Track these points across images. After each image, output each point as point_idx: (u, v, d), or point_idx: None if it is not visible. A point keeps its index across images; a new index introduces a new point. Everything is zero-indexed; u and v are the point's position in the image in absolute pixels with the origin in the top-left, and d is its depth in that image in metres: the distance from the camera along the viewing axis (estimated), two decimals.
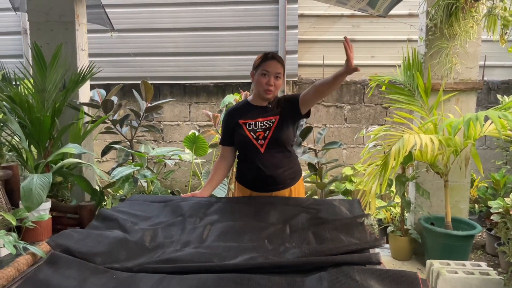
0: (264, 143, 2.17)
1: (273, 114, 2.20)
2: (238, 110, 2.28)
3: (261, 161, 2.18)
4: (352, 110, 4.85)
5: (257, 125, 2.19)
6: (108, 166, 4.81)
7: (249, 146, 2.19)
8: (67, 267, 1.35)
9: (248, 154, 2.23)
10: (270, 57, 2.17)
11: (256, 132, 2.18)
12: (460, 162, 3.17)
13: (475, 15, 3.06)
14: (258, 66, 2.19)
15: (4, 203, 2.20)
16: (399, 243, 3.40)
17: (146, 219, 1.90)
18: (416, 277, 1.22)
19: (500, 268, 3.26)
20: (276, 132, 2.16)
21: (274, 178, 2.20)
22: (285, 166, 2.21)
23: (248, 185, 2.29)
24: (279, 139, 2.17)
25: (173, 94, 4.95)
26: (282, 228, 1.79)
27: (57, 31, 3.08)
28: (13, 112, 2.60)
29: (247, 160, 2.25)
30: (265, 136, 2.16)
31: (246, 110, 2.25)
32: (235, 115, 2.26)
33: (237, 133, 2.23)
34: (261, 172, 2.19)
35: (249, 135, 2.18)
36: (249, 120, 2.21)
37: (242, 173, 2.32)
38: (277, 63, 2.15)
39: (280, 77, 2.16)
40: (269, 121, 2.18)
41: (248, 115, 2.22)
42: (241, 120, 2.22)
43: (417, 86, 3.29)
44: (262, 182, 2.22)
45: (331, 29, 4.99)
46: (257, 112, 2.22)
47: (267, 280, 1.30)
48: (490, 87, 4.76)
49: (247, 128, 2.19)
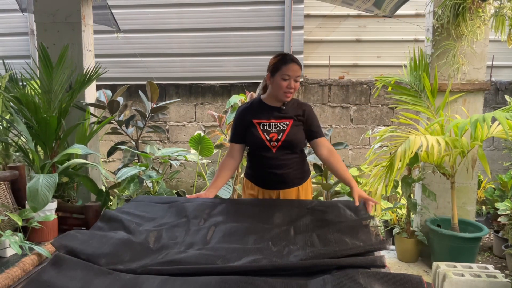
0: (276, 145, 2.18)
1: (287, 116, 2.19)
2: (252, 109, 2.26)
3: (271, 160, 2.20)
4: (358, 111, 4.83)
5: (271, 126, 2.19)
6: (114, 167, 4.83)
7: (261, 146, 2.20)
8: (71, 268, 1.36)
9: (259, 153, 2.24)
10: (289, 60, 2.13)
11: (270, 134, 2.18)
12: (467, 164, 3.15)
13: (482, 15, 3.03)
14: (277, 69, 2.14)
15: (11, 203, 2.21)
16: (405, 245, 3.38)
17: (150, 220, 1.90)
18: (420, 281, 1.21)
19: (508, 271, 3.23)
20: (290, 135, 2.17)
21: (283, 177, 2.22)
22: (294, 166, 2.24)
23: (256, 182, 2.31)
24: (292, 142, 2.18)
25: (178, 95, 4.96)
26: (286, 230, 1.78)
27: (64, 32, 3.10)
28: (19, 113, 2.62)
29: (257, 158, 2.26)
30: (278, 138, 2.17)
31: (260, 110, 2.23)
32: (248, 114, 2.24)
33: (249, 132, 2.22)
34: (271, 171, 2.21)
35: (263, 136, 2.18)
36: (263, 120, 2.20)
37: (251, 170, 2.34)
38: (297, 65, 2.14)
39: (298, 81, 2.16)
40: (283, 123, 2.18)
41: (262, 115, 2.21)
42: (255, 120, 2.21)
43: (423, 86, 3.27)
44: (271, 181, 2.25)
45: (337, 30, 4.98)
46: (271, 112, 2.21)
47: (271, 283, 1.29)
48: (498, 87, 4.72)
49: (261, 129, 2.19)
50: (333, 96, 4.81)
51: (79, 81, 2.86)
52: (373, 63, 4.97)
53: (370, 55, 4.96)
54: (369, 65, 4.98)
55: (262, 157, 2.22)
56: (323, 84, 4.82)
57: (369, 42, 4.94)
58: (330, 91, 4.81)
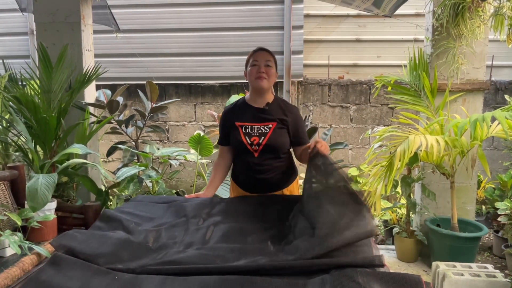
0: (258, 149, 2.13)
1: (270, 119, 2.14)
2: (235, 110, 2.23)
3: (254, 165, 2.16)
4: (358, 111, 4.83)
5: (253, 129, 2.14)
6: (113, 166, 4.84)
7: (243, 150, 2.16)
8: (70, 268, 1.35)
9: (241, 156, 2.20)
10: (257, 50, 2.16)
11: (251, 137, 2.13)
12: (466, 163, 3.14)
13: (482, 15, 3.03)
14: (247, 61, 2.18)
15: (10, 203, 2.21)
16: (405, 244, 3.38)
17: (149, 220, 1.90)
18: (419, 280, 1.21)
19: (507, 270, 3.23)
20: (271, 139, 2.11)
21: (267, 182, 2.18)
22: (278, 170, 2.19)
23: (240, 185, 2.29)
24: (274, 146, 2.13)
25: (178, 95, 4.96)
26: (285, 229, 1.78)
27: (63, 32, 3.10)
28: (19, 113, 2.61)
29: (241, 162, 2.23)
30: (259, 142, 2.12)
31: (243, 111, 2.20)
32: (231, 115, 2.21)
33: (232, 135, 2.19)
34: (253, 175, 2.18)
35: (244, 140, 2.13)
36: (245, 123, 2.16)
37: (236, 173, 2.32)
38: (265, 52, 2.14)
39: (271, 66, 2.12)
40: (265, 127, 2.13)
41: (245, 117, 2.17)
42: (237, 122, 2.17)
43: (423, 86, 3.26)
44: (254, 185, 2.21)
45: (337, 29, 4.98)
46: (254, 114, 2.17)
47: (270, 283, 1.29)
48: (498, 87, 4.71)
49: (243, 132, 2.15)
50: (332, 95, 4.81)
51: (79, 81, 2.85)
52: (373, 62, 4.96)
53: (370, 55, 4.96)
54: (369, 65, 4.98)
55: (245, 161, 2.18)
56: (323, 83, 4.82)
57: (369, 42, 4.94)
58: (330, 91, 4.81)
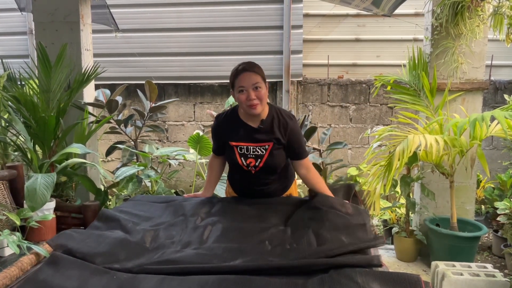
0: (255, 170, 2.07)
1: (266, 139, 2.03)
2: (228, 125, 2.09)
3: (251, 179, 2.11)
4: (357, 110, 4.82)
5: (249, 150, 2.04)
6: (113, 166, 4.83)
7: (239, 169, 2.10)
8: (68, 267, 1.35)
9: (238, 173, 2.14)
10: (240, 71, 1.97)
11: (247, 159, 2.05)
12: (466, 163, 3.14)
13: (481, 14, 3.03)
14: (232, 85, 2.01)
15: (9, 202, 2.21)
16: (404, 244, 3.38)
17: (147, 219, 1.90)
18: (418, 280, 1.21)
19: (507, 270, 3.22)
20: (268, 162, 2.04)
21: (264, 192, 2.15)
22: (275, 183, 2.16)
23: (237, 193, 2.26)
24: (271, 167, 2.07)
25: (177, 94, 4.95)
26: (283, 229, 1.78)
27: (62, 32, 3.09)
28: (18, 112, 2.61)
29: (236, 174, 2.19)
30: (256, 165, 2.04)
31: (237, 128, 2.07)
32: (225, 131, 2.10)
33: (227, 153, 2.12)
34: (250, 187, 2.15)
35: (239, 161, 2.05)
36: (240, 143, 2.04)
37: (232, 179, 2.27)
38: (250, 73, 1.95)
39: (261, 87, 1.95)
40: (261, 148, 2.03)
41: (239, 136, 2.05)
42: (232, 142, 2.06)
43: (422, 86, 3.26)
44: (252, 194, 2.16)
45: (337, 29, 4.97)
46: (249, 134, 2.04)
47: (268, 282, 1.29)
48: (497, 86, 4.71)
49: (238, 152, 2.05)
50: (332, 95, 4.81)
51: (78, 81, 2.85)
52: (372, 62, 4.96)
53: (369, 55, 4.96)
54: (368, 65, 4.98)
55: (241, 176, 2.14)
56: (322, 83, 4.82)
57: (368, 42, 4.93)
58: (329, 91, 4.81)
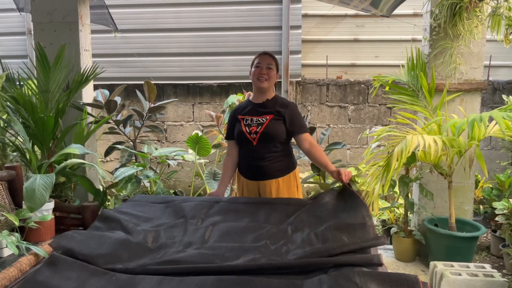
0: (256, 137, 2.41)
1: (268, 112, 2.44)
2: (240, 107, 2.58)
3: (252, 152, 2.44)
4: (356, 110, 4.83)
5: (253, 120, 2.45)
6: (112, 166, 4.83)
7: (244, 139, 2.45)
8: (67, 268, 1.35)
9: (243, 145, 2.49)
10: (262, 53, 2.47)
11: (250, 127, 2.43)
12: (464, 163, 3.15)
13: (479, 15, 3.03)
14: (252, 63, 2.49)
15: (7, 203, 2.21)
16: (402, 244, 3.39)
17: (148, 220, 1.90)
18: (416, 280, 1.21)
19: (505, 270, 3.23)
20: (267, 128, 2.40)
21: (262, 169, 2.43)
22: (274, 160, 2.43)
23: (241, 172, 2.56)
24: (269, 134, 2.40)
25: (176, 94, 4.96)
26: (284, 229, 1.79)
27: (61, 32, 3.09)
28: (17, 113, 2.61)
29: (242, 151, 2.52)
30: (256, 131, 2.41)
31: (247, 107, 2.53)
32: (237, 112, 2.56)
33: (236, 128, 2.52)
34: (251, 162, 2.47)
35: (244, 129, 2.44)
36: (247, 116, 2.48)
37: (239, 162, 2.58)
38: (268, 56, 2.45)
39: (272, 68, 2.43)
40: (263, 118, 2.43)
41: (247, 111, 2.50)
42: (240, 116, 2.50)
43: (421, 86, 3.27)
44: (251, 171, 2.48)
45: (335, 29, 4.98)
46: (254, 108, 2.49)
47: (267, 282, 1.29)
48: (496, 87, 4.72)
49: (244, 123, 2.46)
50: (331, 95, 4.81)
51: (76, 81, 2.85)
52: (371, 62, 4.97)
53: (368, 55, 4.97)
54: (367, 65, 4.99)
55: (245, 149, 2.49)
56: (321, 83, 4.82)
57: (367, 42, 4.94)
58: (328, 91, 4.81)
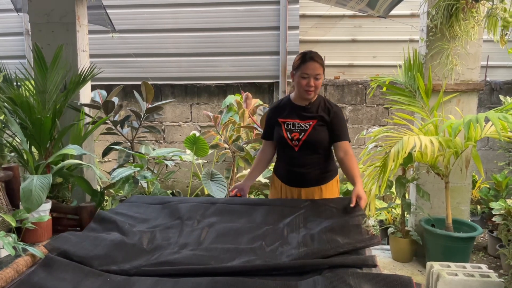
0: (298, 144, 2.27)
1: (311, 117, 2.28)
2: (280, 108, 2.38)
3: (294, 159, 2.31)
4: (354, 111, 4.84)
5: (295, 125, 2.28)
6: (109, 167, 4.83)
7: (284, 144, 2.31)
8: (62, 270, 1.36)
9: (283, 150, 2.37)
10: (308, 59, 2.21)
11: (292, 133, 2.28)
12: (461, 164, 3.16)
13: (476, 16, 3.04)
14: (297, 68, 2.24)
15: (4, 204, 2.21)
16: (399, 244, 3.39)
17: (144, 221, 1.91)
18: (410, 281, 1.22)
19: (502, 270, 3.24)
20: (311, 135, 2.25)
21: (304, 176, 2.31)
22: (316, 166, 2.31)
23: (281, 178, 2.42)
24: (313, 142, 2.26)
25: (174, 95, 4.96)
26: (279, 230, 1.79)
27: (58, 32, 3.09)
28: (14, 113, 2.61)
29: (282, 155, 2.41)
30: (299, 138, 2.26)
31: (287, 109, 2.34)
32: (276, 112, 2.37)
33: (275, 131, 2.36)
34: (292, 169, 2.33)
35: (285, 135, 2.29)
36: (288, 119, 2.30)
37: (277, 166, 2.47)
38: (316, 63, 2.20)
39: (320, 78, 2.23)
40: (306, 124, 2.27)
41: (288, 114, 2.32)
42: (281, 119, 2.32)
43: (418, 87, 3.28)
44: (293, 178, 2.35)
45: (333, 30, 4.98)
46: (296, 112, 2.30)
47: (262, 284, 1.30)
48: (493, 87, 4.74)
49: (285, 128, 2.30)
50: (328, 96, 4.82)
51: (74, 82, 2.85)
52: (368, 63, 4.97)
53: (366, 55, 4.97)
54: (365, 65, 4.99)
55: (285, 155, 2.36)
56: None
57: (365, 42, 4.95)
58: (326, 91, 4.82)
